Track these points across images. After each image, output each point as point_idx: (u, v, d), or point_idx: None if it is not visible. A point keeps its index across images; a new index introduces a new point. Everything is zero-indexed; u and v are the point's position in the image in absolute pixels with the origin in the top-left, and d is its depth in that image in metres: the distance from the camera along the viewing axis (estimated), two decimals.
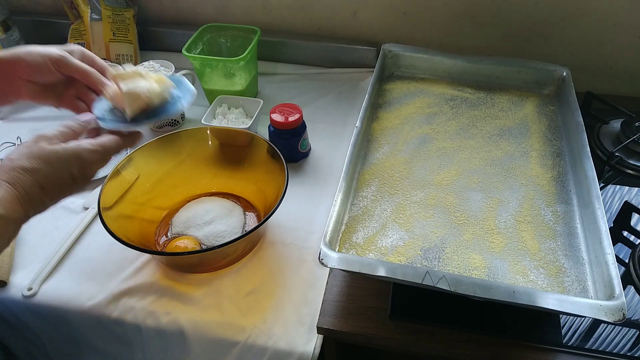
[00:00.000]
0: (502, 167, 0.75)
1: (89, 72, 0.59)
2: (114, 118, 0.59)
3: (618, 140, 0.88)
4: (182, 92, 0.63)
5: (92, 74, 0.59)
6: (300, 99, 1.00)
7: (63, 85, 0.61)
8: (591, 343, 0.61)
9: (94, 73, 0.59)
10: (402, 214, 0.68)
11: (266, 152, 0.77)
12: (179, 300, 0.68)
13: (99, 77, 0.60)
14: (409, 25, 1.05)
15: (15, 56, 0.57)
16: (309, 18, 1.09)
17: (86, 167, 0.53)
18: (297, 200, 0.79)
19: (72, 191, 0.54)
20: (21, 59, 0.57)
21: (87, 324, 0.69)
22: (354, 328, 0.63)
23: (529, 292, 0.54)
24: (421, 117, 0.84)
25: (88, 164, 0.53)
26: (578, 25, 0.97)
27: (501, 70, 0.90)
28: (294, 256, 0.73)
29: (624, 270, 0.69)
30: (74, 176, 0.52)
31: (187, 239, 0.73)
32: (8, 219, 0.47)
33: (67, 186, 0.53)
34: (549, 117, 0.84)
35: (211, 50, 1.02)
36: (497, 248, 0.64)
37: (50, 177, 0.51)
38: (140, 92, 0.58)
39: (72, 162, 0.52)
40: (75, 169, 0.52)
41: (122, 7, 1.09)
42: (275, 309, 0.67)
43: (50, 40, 1.15)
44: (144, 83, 0.59)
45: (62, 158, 0.51)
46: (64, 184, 0.52)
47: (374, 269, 0.56)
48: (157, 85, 0.60)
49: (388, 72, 0.94)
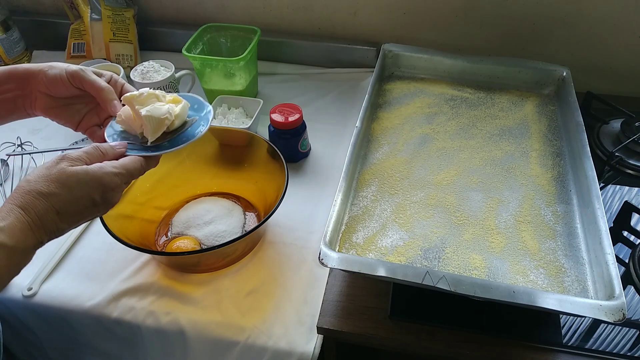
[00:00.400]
0: (502, 167, 0.75)
1: (102, 89, 0.56)
2: (134, 144, 0.56)
3: (618, 140, 0.88)
4: (198, 111, 0.61)
5: (104, 91, 0.56)
6: (300, 99, 1.00)
7: (84, 108, 0.60)
8: (591, 343, 0.61)
9: (106, 91, 0.57)
10: (402, 214, 0.68)
11: (266, 152, 0.77)
12: (179, 300, 0.68)
13: (110, 96, 0.57)
14: (409, 25, 1.05)
15: (39, 68, 0.57)
16: (309, 18, 1.09)
17: (108, 191, 0.50)
18: (297, 200, 0.79)
19: (92, 216, 0.51)
20: (43, 71, 0.56)
21: (87, 324, 0.69)
22: (354, 328, 0.63)
23: (529, 292, 0.54)
24: (421, 117, 0.84)
25: (110, 189, 0.50)
26: (578, 25, 0.97)
27: (501, 70, 0.90)
28: (294, 256, 0.73)
29: (624, 270, 0.69)
30: (94, 201, 0.49)
31: (187, 239, 0.73)
32: (16, 248, 0.45)
33: (86, 211, 0.49)
34: (549, 117, 0.84)
35: (211, 50, 1.02)
36: (497, 248, 0.64)
37: (68, 202, 0.47)
38: (161, 115, 0.55)
39: (93, 186, 0.48)
40: (96, 193, 0.49)
41: (122, 7, 1.09)
42: (275, 309, 0.67)
43: (50, 40, 1.17)
44: (162, 105, 0.57)
45: (82, 182, 0.48)
46: (83, 209, 0.49)
47: (374, 269, 0.56)
48: (175, 106, 0.58)
49: (388, 72, 0.94)
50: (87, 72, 0.56)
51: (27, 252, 0.46)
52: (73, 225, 0.49)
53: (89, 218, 0.51)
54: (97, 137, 0.59)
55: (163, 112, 0.56)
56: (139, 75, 0.91)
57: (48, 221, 0.47)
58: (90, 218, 0.51)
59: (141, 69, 0.92)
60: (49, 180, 0.47)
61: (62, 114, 0.59)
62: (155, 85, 0.89)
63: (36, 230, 0.46)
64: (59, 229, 0.48)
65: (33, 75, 0.57)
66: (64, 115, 0.59)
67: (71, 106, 0.59)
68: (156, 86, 0.90)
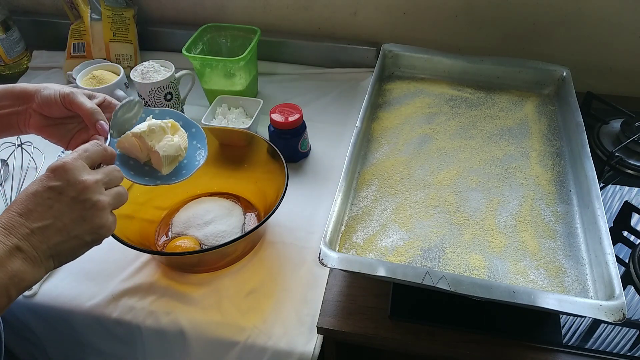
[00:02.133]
0: (502, 167, 0.75)
1: (88, 110, 0.56)
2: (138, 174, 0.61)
3: (618, 140, 0.88)
4: (197, 138, 0.65)
5: (90, 113, 0.56)
6: (300, 99, 1.00)
7: (76, 127, 0.61)
8: (591, 343, 0.61)
9: (92, 113, 0.56)
10: (402, 214, 0.68)
11: (266, 152, 0.77)
12: (179, 300, 0.68)
13: (96, 117, 0.57)
14: (409, 25, 1.05)
15: (35, 88, 0.58)
16: (309, 18, 1.09)
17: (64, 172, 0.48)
18: (297, 200, 0.79)
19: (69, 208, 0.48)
20: (38, 91, 0.58)
21: (87, 324, 0.69)
22: (354, 328, 0.63)
23: (529, 292, 0.54)
24: (421, 117, 0.84)
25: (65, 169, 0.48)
26: (578, 25, 0.97)
27: (501, 70, 0.90)
28: (294, 256, 0.73)
29: (624, 270, 0.69)
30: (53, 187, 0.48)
31: (187, 239, 0.73)
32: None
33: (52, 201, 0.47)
34: (549, 117, 0.84)
35: (211, 50, 1.02)
36: (497, 248, 0.64)
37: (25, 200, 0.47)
38: (175, 153, 0.61)
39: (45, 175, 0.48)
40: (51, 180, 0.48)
41: (122, 7, 1.09)
42: (275, 309, 0.67)
43: (50, 40, 1.17)
44: (174, 140, 0.61)
45: (35, 179, 0.48)
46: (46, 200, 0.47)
47: (374, 269, 0.56)
48: (182, 140, 0.62)
49: (388, 72, 0.94)
50: (76, 95, 0.57)
51: (1, 261, 0.44)
52: (49, 221, 0.47)
53: (69, 209, 0.48)
54: None
55: (177, 149, 0.61)
56: (139, 75, 0.91)
57: (14, 225, 0.46)
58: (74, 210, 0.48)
59: (141, 69, 0.92)
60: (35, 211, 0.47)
61: (55, 132, 0.61)
62: (155, 85, 0.89)
63: (3, 238, 0.45)
64: (32, 230, 0.46)
65: (29, 94, 0.58)
66: (56, 134, 0.61)
67: (63, 125, 0.61)
68: (156, 86, 0.90)
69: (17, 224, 0.46)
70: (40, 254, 0.47)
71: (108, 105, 0.60)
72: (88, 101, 0.58)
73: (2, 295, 0.44)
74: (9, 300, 0.45)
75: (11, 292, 0.45)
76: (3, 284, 0.44)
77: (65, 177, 0.48)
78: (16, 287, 0.45)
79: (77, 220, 0.48)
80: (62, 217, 0.48)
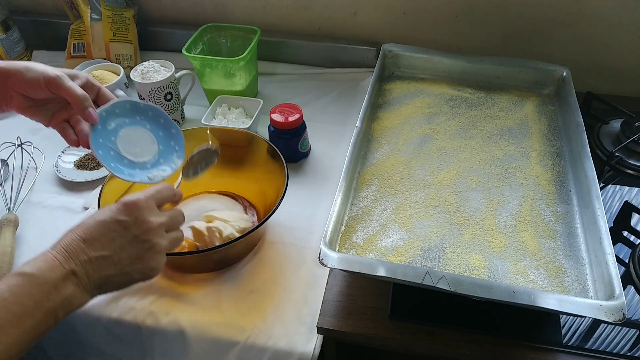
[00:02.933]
0: (502, 167, 0.75)
1: (78, 96, 0.57)
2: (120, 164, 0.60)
3: (618, 140, 0.88)
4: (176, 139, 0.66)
5: (80, 99, 0.57)
6: (300, 99, 1.00)
7: (57, 106, 0.61)
8: (591, 343, 0.61)
9: (82, 99, 0.57)
10: (402, 214, 0.68)
11: (266, 152, 0.76)
12: (179, 300, 0.68)
13: (86, 104, 0.57)
14: (409, 25, 1.05)
15: (15, 68, 0.57)
16: (309, 18, 1.09)
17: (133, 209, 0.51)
18: (297, 200, 0.79)
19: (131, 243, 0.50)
20: (19, 72, 0.57)
21: (87, 324, 0.69)
22: (354, 328, 0.63)
23: (529, 292, 0.54)
24: (421, 117, 0.84)
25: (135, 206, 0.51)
26: (578, 25, 0.97)
27: (501, 70, 0.90)
28: (294, 256, 0.73)
29: (624, 270, 0.69)
30: (120, 222, 0.50)
31: (185, 239, 0.73)
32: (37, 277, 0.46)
33: (115, 234, 0.50)
34: (549, 117, 0.84)
35: (211, 50, 1.02)
36: (497, 248, 0.64)
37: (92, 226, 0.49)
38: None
39: (115, 207, 0.51)
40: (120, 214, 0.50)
41: (122, 7, 1.09)
42: (275, 309, 0.67)
43: (50, 40, 1.17)
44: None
45: (104, 208, 0.50)
46: (110, 232, 0.50)
47: (374, 269, 0.56)
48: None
49: (388, 72, 0.94)
50: (64, 80, 0.57)
51: (57, 282, 0.46)
52: (108, 252, 0.49)
53: (130, 246, 0.50)
54: (67, 134, 0.61)
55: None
56: (139, 75, 0.91)
57: (75, 250, 0.48)
58: (134, 247, 0.50)
59: (141, 69, 0.92)
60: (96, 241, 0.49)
61: (37, 112, 0.61)
62: (155, 85, 0.89)
63: (63, 260, 0.47)
64: (90, 259, 0.48)
65: (8, 75, 0.58)
66: (38, 114, 0.61)
67: (44, 106, 0.61)
68: (156, 86, 0.90)
69: (78, 249, 0.48)
70: (91, 282, 0.48)
71: (91, 86, 0.60)
72: (76, 86, 0.58)
73: (51, 316, 0.46)
74: (55, 322, 0.47)
75: (59, 315, 0.47)
76: (54, 307, 0.46)
77: (135, 214, 0.50)
78: (64, 310, 0.47)
79: (134, 258, 0.50)
80: (121, 252, 0.50)
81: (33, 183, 0.85)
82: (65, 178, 0.85)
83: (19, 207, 0.80)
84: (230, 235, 0.66)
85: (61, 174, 0.86)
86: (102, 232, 0.49)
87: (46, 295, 0.45)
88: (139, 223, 0.50)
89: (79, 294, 0.47)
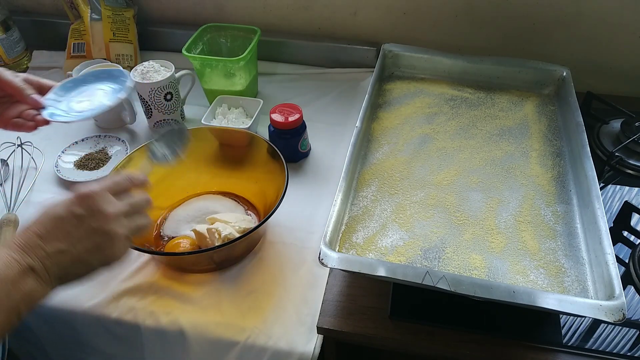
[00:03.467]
0: (502, 167, 0.75)
1: (21, 88, 0.60)
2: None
3: (618, 140, 0.88)
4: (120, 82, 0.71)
5: (22, 88, 0.61)
6: (300, 99, 1.00)
7: (3, 107, 0.62)
8: (591, 343, 0.61)
9: (24, 88, 0.61)
10: (402, 214, 0.68)
11: (266, 152, 0.76)
12: (179, 300, 0.68)
13: (28, 91, 0.61)
14: (409, 25, 1.05)
15: None
16: (309, 18, 1.09)
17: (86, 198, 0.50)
18: (297, 200, 0.79)
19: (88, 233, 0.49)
20: None
21: (87, 324, 0.69)
22: (354, 328, 0.63)
23: (529, 292, 0.54)
24: (421, 117, 0.84)
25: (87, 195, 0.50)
26: (578, 25, 0.97)
27: (501, 70, 0.90)
28: (294, 256, 0.73)
29: (624, 270, 0.69)
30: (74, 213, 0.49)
31: (186, 238, 0.73)
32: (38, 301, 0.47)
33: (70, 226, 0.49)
34: (549, 117, 0.84)
35: (211, 50, 1.02)
36: (497, 248, 0.64)
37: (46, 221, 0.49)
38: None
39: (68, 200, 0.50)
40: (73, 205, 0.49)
41: (122, 7, 1.09)
42: (275, 309, 0.67)
43: (50, 40, 1.17)
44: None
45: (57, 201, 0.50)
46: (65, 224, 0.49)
47: (374, 269, 0.56)
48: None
49: (388, 72, 0.94)
50: (4, 74, 0.59)
51: (15, 279, 0.45)
52: (65, 246, 0.48)
53: (87, 237, 0.49)
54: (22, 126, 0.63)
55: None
56: (139, 75, 0.91)
57: (32, 246, 0.47)
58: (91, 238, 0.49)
59: (141, 69, 0.92)
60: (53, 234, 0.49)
61: None
62: (155, 85, 0.89)
63: (19, 257, 0.46)
64: (48, 254, 0.47)
65: None
66: None
67: None
68: (156, 86, 0.89)
69: (34, 245, 0.47)
70: (51, 275, 0.48)
71: (30, 81, 0.62)
72: (15, 78, 0.60)
73: (13, 313, 0.46)
74: (19, 318, 0.46)
75: (22, 311, 0.46)
76: (16, 303, 0.46)
77: (89, 204, 0.50)
78: (27, 305, 0.47)
79: (92, 248, 0.50)
80: (78, 244, 0.49)
81: (33, 183, 0.85)
82: (65, 178, 0.85)
83: (19, 207, 0.80)
84: (230, 236, 0.66)
85: (61, 174, 0.86)
86: (57, 226, 0.49)
87: (5, 293, 0.45)
88: (94, 214, 0.50)
89: (40, 288, 0.47)
